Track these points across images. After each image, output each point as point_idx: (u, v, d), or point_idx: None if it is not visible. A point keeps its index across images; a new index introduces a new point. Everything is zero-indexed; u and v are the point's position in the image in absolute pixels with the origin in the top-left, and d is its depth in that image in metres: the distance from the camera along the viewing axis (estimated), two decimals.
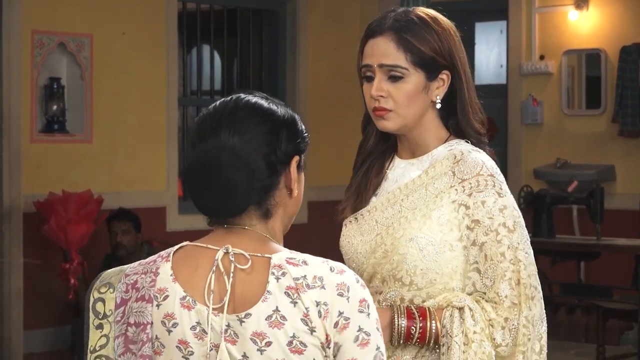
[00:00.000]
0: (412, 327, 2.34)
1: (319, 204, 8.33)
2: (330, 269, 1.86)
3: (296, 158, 1.93)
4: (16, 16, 7.07)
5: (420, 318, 2.34)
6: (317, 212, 8.32)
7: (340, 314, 1.83)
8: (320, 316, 1.82)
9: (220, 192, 1.86)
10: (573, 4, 8.22)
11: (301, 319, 1.82)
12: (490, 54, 9.13)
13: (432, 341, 2.35)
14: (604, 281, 7.40)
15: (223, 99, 1.95)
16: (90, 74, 7.45)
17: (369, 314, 1.85)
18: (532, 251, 2.39)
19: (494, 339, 2.31)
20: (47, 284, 7.17)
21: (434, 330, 2.34)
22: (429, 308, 2.35)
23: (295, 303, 1.82)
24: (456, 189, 2.38)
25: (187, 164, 1.89)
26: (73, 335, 6.95)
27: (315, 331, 1.82)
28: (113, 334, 1.94)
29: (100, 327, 1.97)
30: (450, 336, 2.32)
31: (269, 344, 1.82)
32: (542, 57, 8.38)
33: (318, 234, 7.62)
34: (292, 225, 1.98)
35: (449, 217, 2.37)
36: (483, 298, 2.35)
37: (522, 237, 2.36)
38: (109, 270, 2.01)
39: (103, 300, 1.97)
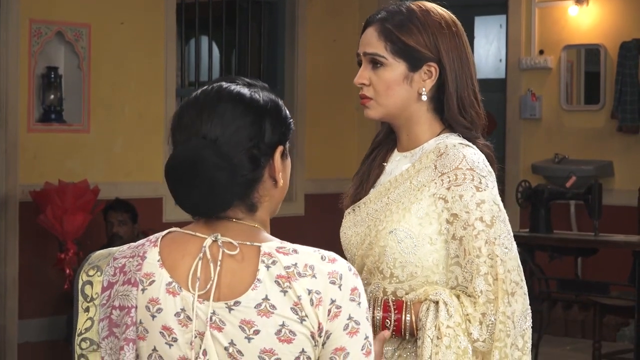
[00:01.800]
0: (387, 320, 2.35)
1: (316, 197, 8.31)
2: (322, 258, 1.85)
3: (280, 148, 1.91)
4: (14, 5, 7.05)
5: (396, 311, 2.35)
6: (314, 204, 8.31)
7: (333, 302, 1.82)
8: (312, 304, 1.81)
9: (202, 191, 1.83)
10: None
11: (291, 308, 1.81)
12: (489, 48, 9.12)
13: (407, 334, 2.36)
14: (601, 277, 7.39)
15: (204, 88, 1.92)
16: (88, 64, 7.43)
17: (359, 303, 1.85)
18: (514, 246, 2.38)
19: (471, 334, 2.31)
20: (43, 274, 7.16)
21: (408, 323, 2.34)
22: (406, 301, 2.36)
23: (285, 292, 1.81)
24: (436, 182, 2.38)
25: (168, 161, 1.87)
26: (68, 325, 6.94)
27: (305, 320, 1.81)
28: (98, 317, 1.93)
29: (87, 310, 1.95)
30: (424, 329, 2.32)
31: (257, 332, 1.81)
32: (541, 52, 8.36)
33: (315, 227, 7.60)
34: (288, 218, 1.98)
35: (428, 211, 2.37)
36: (464, 292, 2.34)
37: (500, 231, 2.35)
38: (97, 252, 2.00)
39: (91, 283, 1.95)
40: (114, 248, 1.99)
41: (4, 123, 7.02)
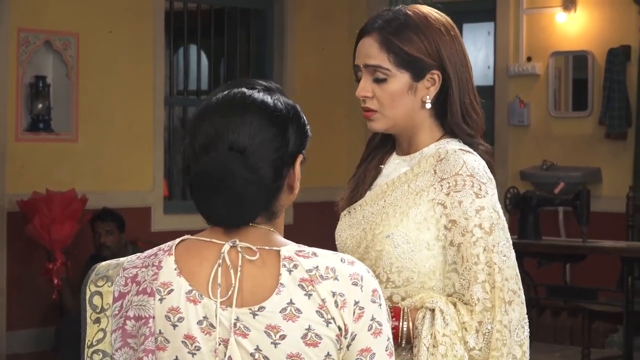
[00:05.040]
0: None
1: (306, 206, 8.30)
2: (341, 260, 1.86)
3: (300, 157, 1.92)
4: (2, 14, 7.04)
5: (394, 318, 2.32)
6: (303, 213, 8.30)
7: (356, 303, 1.83)
8: (337, 306, 1.82)
9: (229, 203, 1.83)
10: (561, 5, 8.22)
11: (316, 311, 1.81)
12: (477, 55, 9.13)
13: (404, 341, 2.33)
14: (589, 283, 7.39)
15: (226, 94, 1.90)
16: (76, 73, 7.42)
17: (380, 305, 1.86)
18: (513, 254, 2.35)
19: (467, 342, 2.29)
20: (31, 284, 7.13)
21: (405, 331, 2.32)
22: (403, 308, 2.34)
23: (310, 295, 1.82)
24: (435, 188, 2.36)
25: (195, 171, 1.85)
26: (57, 335, 6.92)
27: (331, 322, 1.82)
28: (110, 328, 1.91)
29: (97, 321, 1.92)
30: (420, 337, 2.30)
31: (283, 337, 1.81)
32: (529, 59, 8.38)
33: (305, 236, 7.58)
34: None
35: (426, 216, 2.35)
36: (461, 300, 2.32)
37: (499, 239, 2.32)
38: (104, 263, 1.97)
39: (100, 294, 1.92)
40: (122, 258, 1.96)
41: None
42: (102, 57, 7.55)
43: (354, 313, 1.83)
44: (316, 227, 5.56)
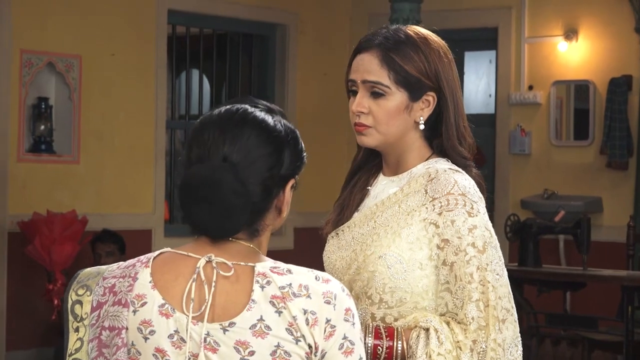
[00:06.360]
0: (379, 347, 2.31)
1: (306, 230, 8.30)
2: (316, 278, 1.87)
3: (292, 181, 1.93)
4: (5, 35, 7.06)
5: (388, 338, 2.32)
6: (303, 238, 8.29)
7: (328, 321, 1.84)
8: (308, 324, 1.82)
9: (215, 213, 1.84)
10: (562, 34, 8.25)
11: (286, 329, 1.82)
12: (479, 84, 9.15)
13: None
14: (589, 312, 7.39)
15: (228, 108, 1.92)
16: (79, 95, 7.43)
17: (353, 324, 1.86)
18: (505, 272, 2.36)
19: None
20: (31, 305, 7.12)
21: (399, 351, 2.31)
22: (397, 328, 2.33)
23: (280, 312, 1.82)
24: (427, 207, 2.36)
25: (185, 176, 1.87)
26: (56, 356, 6.90)
27: (300, 340, 1.82)
28: (87, 338, 1.93)
29: (77, 330, 1.95)
30: (415, 357, 2.29)
31: (252, 353, 1.81)
32: (530, 88, 8.40)
33: (304, 260, 7.58)
34: (278, 251, 1.98)
35: (418, 236, 2.35)
36: (454, 319, 2.32)
37: (492, 258, 2.33)
38: (86, 270, 1.99)
39: (80, 303, 1.95)
40: (103, 267, 1.98)
41: None
42: (104, 80, 7.57)
43: (324, 331, 1.83)
44: (316, 252, 5.54)
